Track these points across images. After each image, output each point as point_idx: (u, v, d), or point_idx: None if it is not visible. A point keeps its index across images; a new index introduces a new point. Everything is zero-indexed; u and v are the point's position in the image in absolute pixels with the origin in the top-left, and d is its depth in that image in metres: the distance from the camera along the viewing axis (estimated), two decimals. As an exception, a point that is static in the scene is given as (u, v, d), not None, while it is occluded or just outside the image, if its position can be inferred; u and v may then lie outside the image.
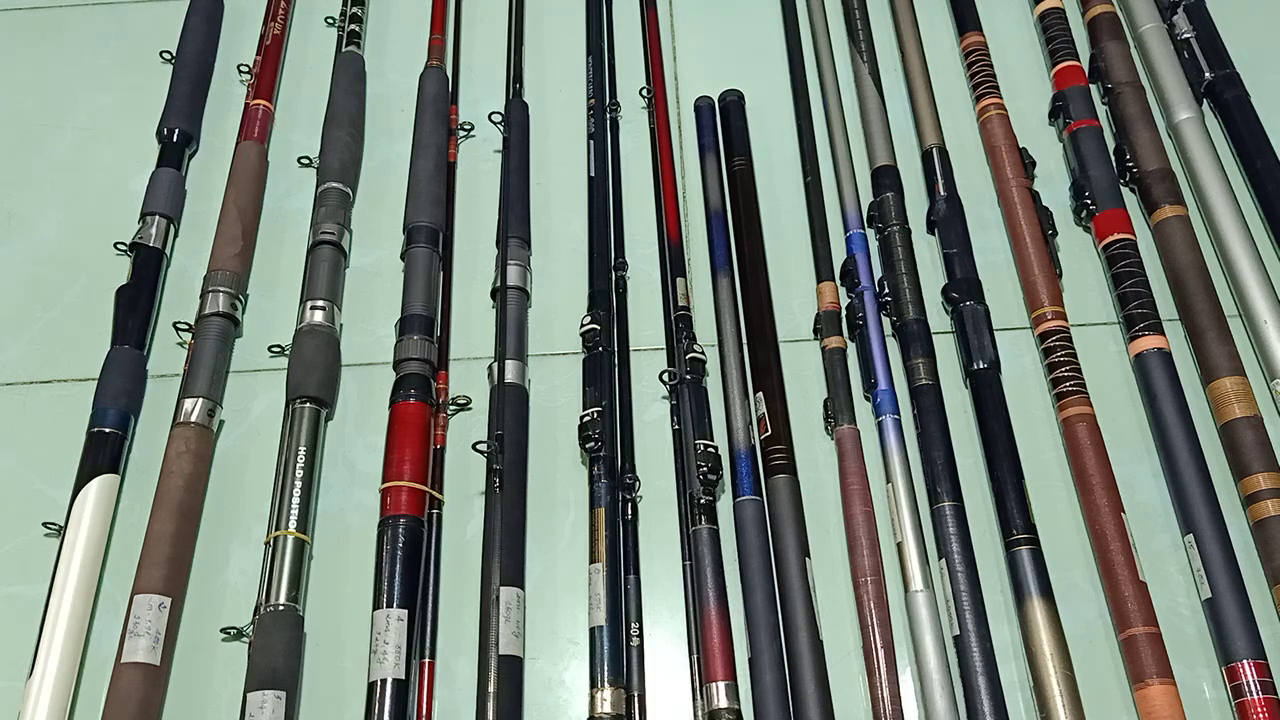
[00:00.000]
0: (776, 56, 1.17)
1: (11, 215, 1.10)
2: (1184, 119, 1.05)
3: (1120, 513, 0.84)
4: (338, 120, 1.09)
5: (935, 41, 1.16)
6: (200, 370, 0.93)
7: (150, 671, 0.79)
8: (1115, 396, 0.93)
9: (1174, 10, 1.12)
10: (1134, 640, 0.79)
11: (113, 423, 0.91)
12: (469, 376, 0.96)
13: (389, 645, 0.79)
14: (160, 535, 0.84)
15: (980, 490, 0.89)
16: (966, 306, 0.96)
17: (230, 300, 0.97)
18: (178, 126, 1.10)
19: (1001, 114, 1.08)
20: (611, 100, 1.12)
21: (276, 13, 1.19)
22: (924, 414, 0.91)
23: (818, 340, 0.97)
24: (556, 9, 1.22)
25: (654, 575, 0.86)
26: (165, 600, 0.81)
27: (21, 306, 1.03)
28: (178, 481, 0.87)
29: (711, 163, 1.07)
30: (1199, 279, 0.95)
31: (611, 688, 0.78)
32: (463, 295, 1.01)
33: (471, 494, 0.90)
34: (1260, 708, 0.76)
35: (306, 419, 0.91)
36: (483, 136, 1.12)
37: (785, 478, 0.87)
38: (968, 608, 0.81)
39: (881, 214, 1.02)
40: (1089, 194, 1.01)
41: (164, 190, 1.05)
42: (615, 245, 1.03)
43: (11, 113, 1.17)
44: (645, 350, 0.98)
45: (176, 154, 1.09)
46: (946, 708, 0.78)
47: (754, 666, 0.80)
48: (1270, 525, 0.83)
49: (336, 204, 1.03)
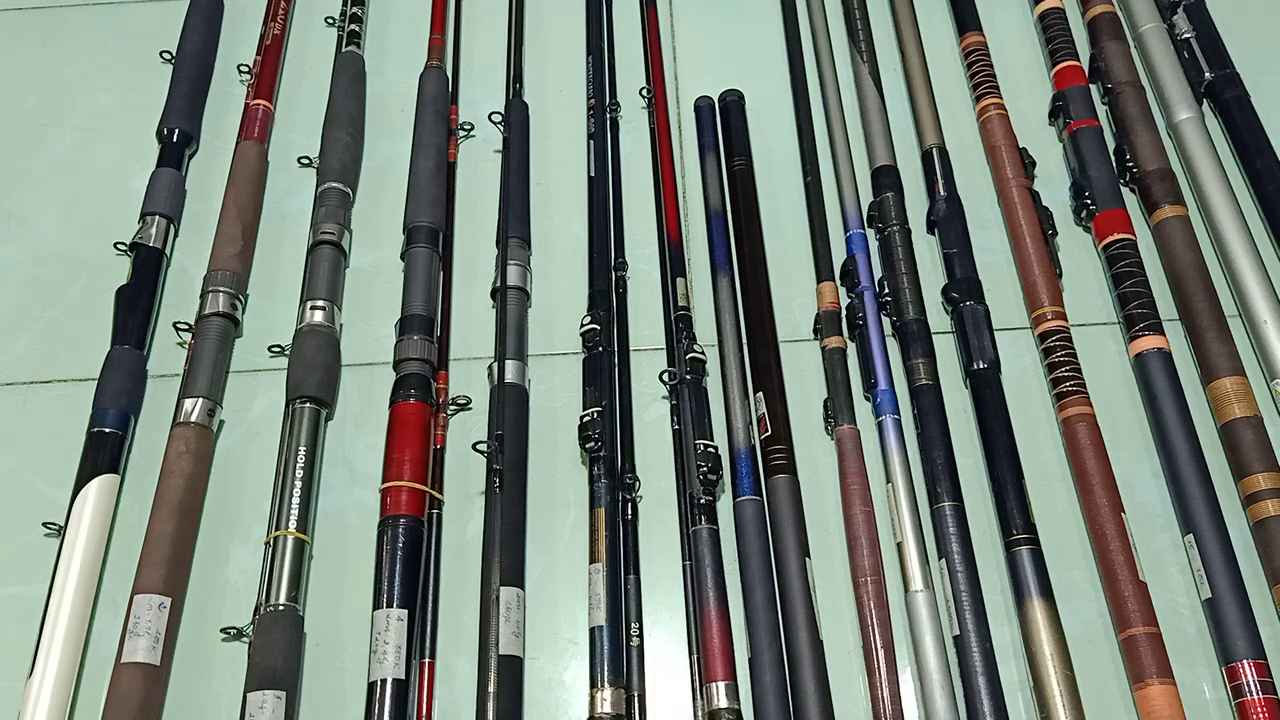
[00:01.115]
0: (776, 56, 1.17)
1: (11, 215, 1.10)
2: (1184, 119, 1.05)
3: (1120, 513, 0.84)
4: (338, 120, 1.09)
5: (935, 41, 1.16)
6: (200, 370, 0.93)
7: (150, 671, 0.79)
8: (1115, 396, 0.93)
9: (1174, 10, 1.12)
10: (1134, 640, 0.79)
11: (113, 423, 0.91)
12: (469, 376, 0.96)
13: (389, 645, 0.79)
14: (160, 535, 0.84)
15: (980, 490, 0.89)
16: (966, 306, 0.96)
17: (230, 300, 0.97)
18: (178, 126, 1.10)
19: (1001, 114, 1.07)
20: (611, 100, 1.12)
21: (276, 13, 1.19)
22: (924, 414, 0.91)
23: (818, 340, 0.97)
24: (556, 9, 1.22)
25: (654, 575, 0.86)
26: (165, 600, 0.81)
27: (21, 306, 1.03)
28: (178, 481, 0.87)
29: (711, 163, 1.07)
30: (1199, 279, 0.95)
31: (611, 688, 0.78)
32: (463, 295, 1.01)
33: (471, 494, 0.90)
34: (1260, 708, 0.76)
35: (306, 419, 0.91)
36: (483, 136, 1.12)
37: (785, 478, 0.87)
38: (968, 608, 0.81)
39: (881, 214, 1.02)
40: (1089, 194, 1.01)
41: (164, 190, 1.05)
42: (615, 245, 1.03)
43: (11, 112, 1.17)
44: (645, 350, 0.98)
45: (176, 154, 1.09)
46: (946, 708, 0.78)
47: (754, 666, 0.80)
48: (1270, 525, 0.83)
49: (336, 204, 1.03)
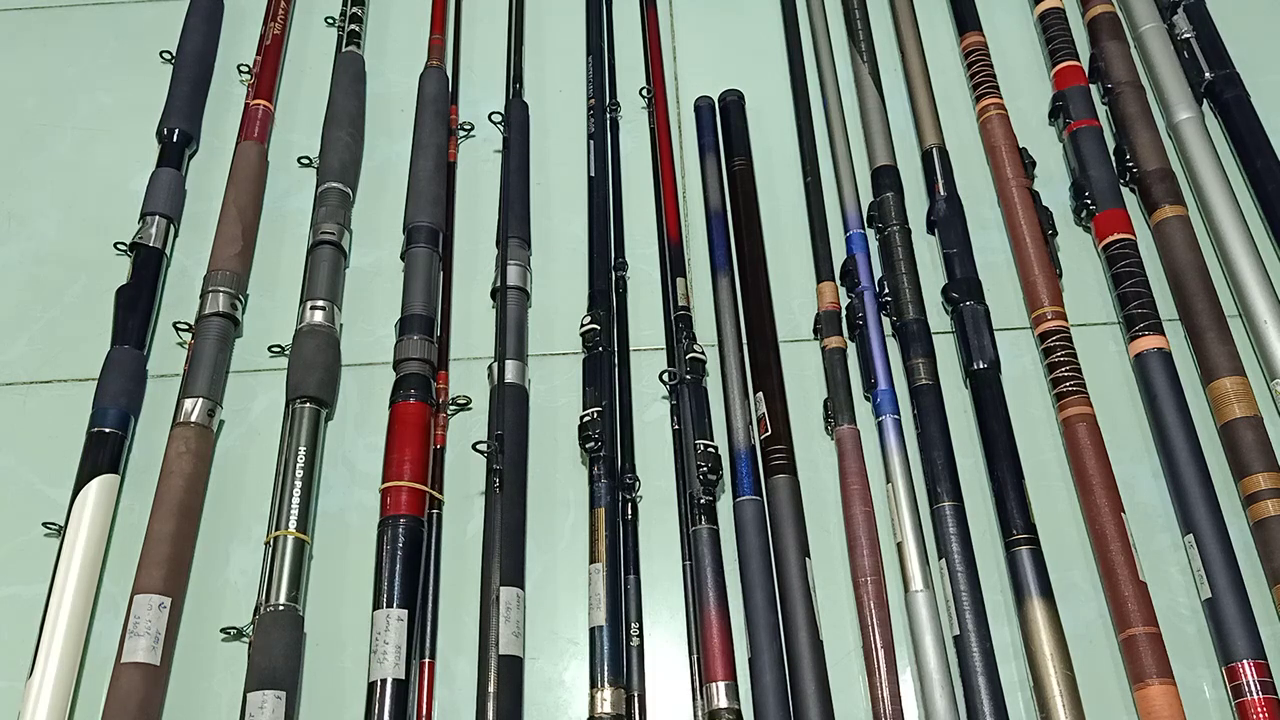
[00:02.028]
0: (776, 56, 1.17)
1: (11, 215, 1.10)
2: (1184, 119, 1.05)
3: (1120, 513, 0.84)
4: (338, 120, 1.09)
5: (935, 41, 1.16)
6: (200, 370, 0.93)
7: (150, 671, 0.79)
8: (1115, 396, 0.93)
9: (1174, 10, 1.12)
10: (1134, 640, 0.79)
11: (113, 423, 0.91)
12: (469, 376, 0.96)
13: (389, 645, 0.79)
14: (160, 535, 0.84)
15: (980, 490, 0.89)
16: (966, 306, 0.96)
17: (230, 300, 0.97)
18: (178, 126, 1.10)
19: (1001, 114, 1.07)
20: (611, 100, 1.12)
21: (276, 13, 1.19)
22: (924, 414, 0.91)
23: (818, 340, 0.97)
24: (556, 9, 1.22)
25: (654, 575, 0.86)
26: (165, 600, 0.81)
27: (21, 306, 1.03)
28: (178, 482, 0.87)
29: (711, 163, 1.07)
30: (1199, 279, 0.95)
31: (611, 688, 0.78)
32: (463, 295, 1.01)
33: (471, 494, 0.90)
34: (1260, 708, 0.76)
35: (306, 419, 0.91)
36: (483, 136, 1.12)
37: (785, 478, 0.87)
38: (968, 608, 0.81)
39: (881, 214, 1.02)
40: (1089, 194, 1.01)
41: (164, 190, 1.05)
42: (615, 245, 1.03)
43: (11, 112, 1.17)
44: (645, 350, 0.98)
45: (176, 154, 1.09)
46: (946, 708, 0.78)
47: (754, 666, 0.80)
48: (1270, 525, 0.83)
49: (336, 204, 1.03)
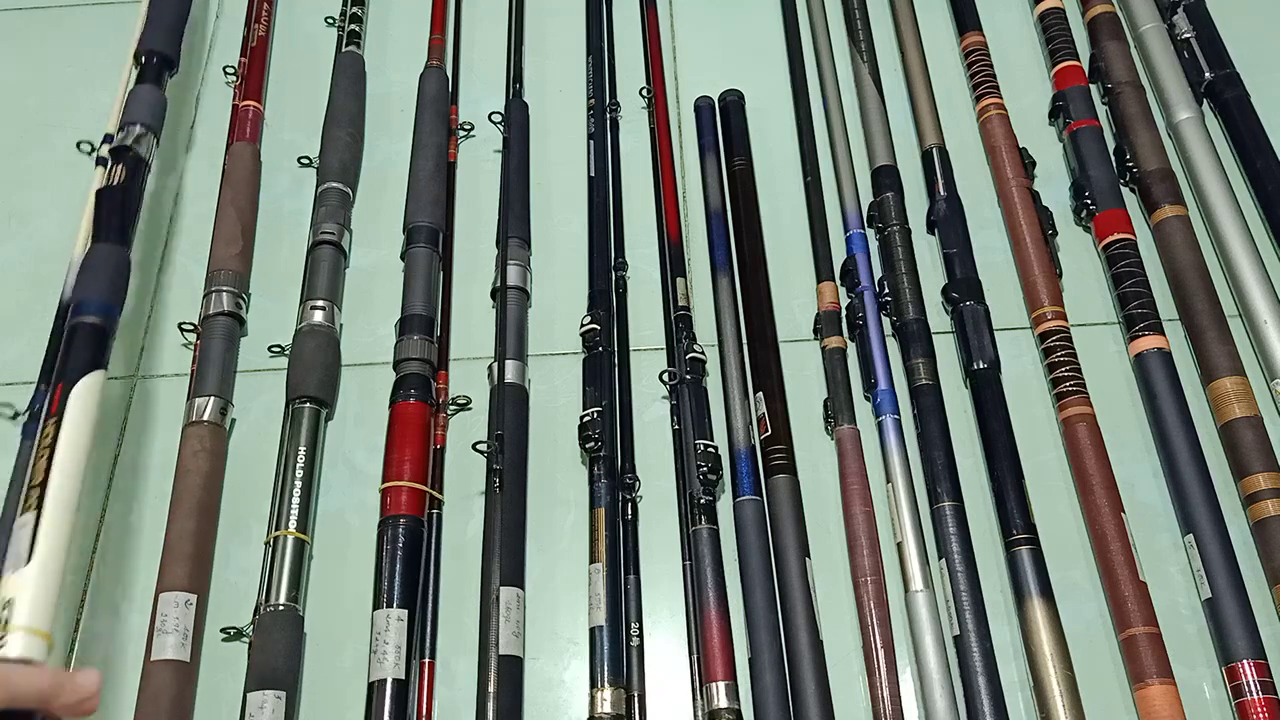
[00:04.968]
0: (776, 56, 1.17)
1: (12, 215, 1.10)
2: (1184, 119, 1.05)
3: (1120, 513, 0.84)
4: (338, 120, 1.09)
5: (935, 41, 1.16)
6: (210, 369, 0.92)
7: (181, 668, 0.79)
8: (1115, 396, 0.93)
9: (1174, 10, 1.12)
10: (1134, 640, 0.79)
11: (95, 311, 0.79)
12: (469, 376, 0.96)
13: (389, 645, 0.79)
14: (182, 533, 0.84)
15: (980, 490, 0.89)
16: (966, 306, 0.96)
17: (234, 299, 0.97)
18: (158, 50, 1.01)
19: (1001, 114, 1.07)
20: (611, 100, 1.12)
21: (260, 14, 1.19)
22: (924, 414, 0.91)
23: (818, 340, 0.97)
24: (556, 9, 1.22)
25: (654, 575, 0.86)
26: (191, 597, 0.81)
27: (22, 306, 1.03)
28: (196, 480, 0.87)
29: (711, 163, 1.07)
30: (1199, 279, 0.95)
31: (611, 688, 0.78)
32: (463, 295, 1.01)
33: (471, 494, 0.90)
34: (1260, 708, 0.76)
35: (306, 419, 0.91)
36: (483, 136, 1.12)
37: (785, 478, 0.87)
38: (968, 608, 0.81)
39: (881, 214, 1.02)
40: (1089, 194, 1.01)
41: (145, 103, 0.96)
42: (615, 245, 1.03)
43: (12, 112, 1.17)
44: (645, 350, 0.98)
45: (155, 75, 1.00)
46: (946, 708, 0.78)
47: (754, 666, 0.80)
48: (1270, 525, 0.83)
49: (336, 204, 1.03)
